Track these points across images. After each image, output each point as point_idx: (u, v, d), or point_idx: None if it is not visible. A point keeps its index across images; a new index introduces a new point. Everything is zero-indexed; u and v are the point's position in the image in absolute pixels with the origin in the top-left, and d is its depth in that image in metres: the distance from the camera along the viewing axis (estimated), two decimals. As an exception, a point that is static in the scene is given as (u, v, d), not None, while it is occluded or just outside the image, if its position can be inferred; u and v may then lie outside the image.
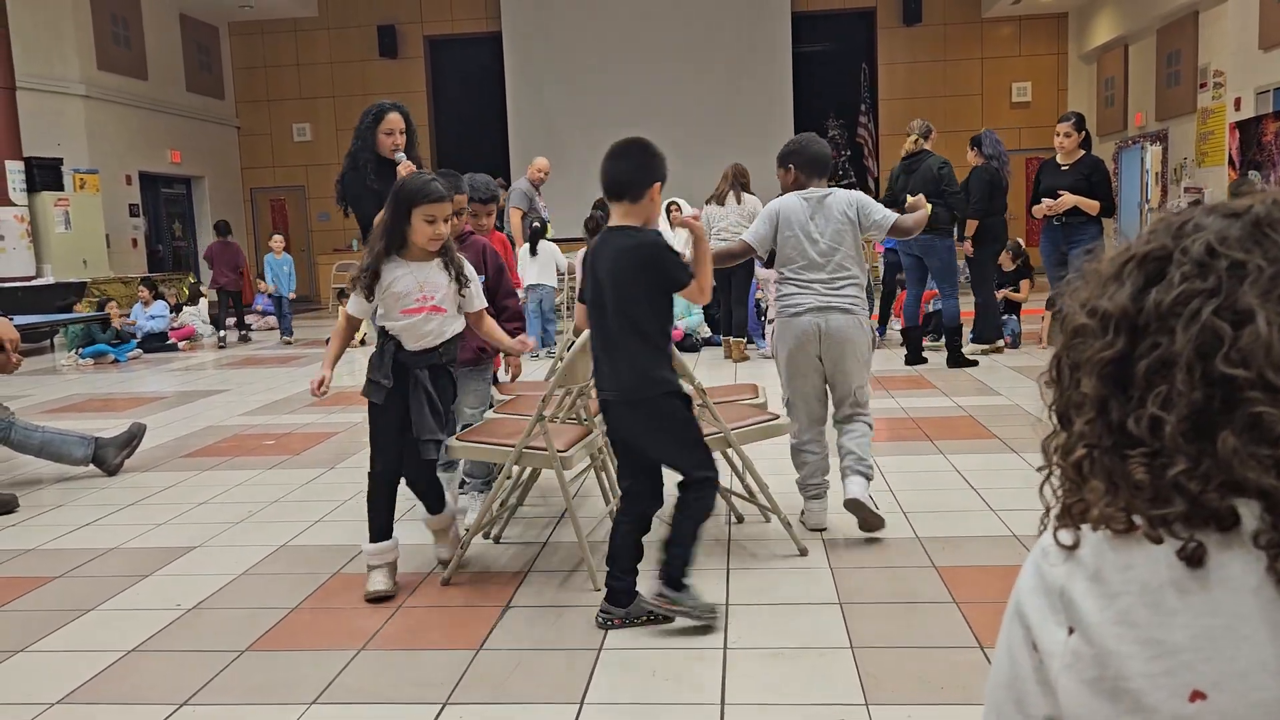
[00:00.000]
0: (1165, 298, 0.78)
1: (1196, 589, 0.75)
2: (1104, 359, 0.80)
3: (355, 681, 2.58)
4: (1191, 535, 0.76)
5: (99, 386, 8.31)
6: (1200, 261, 0.78)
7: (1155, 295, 0.78)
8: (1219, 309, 0.75)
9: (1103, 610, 0.79)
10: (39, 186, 12.04)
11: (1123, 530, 0.80)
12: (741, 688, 2.45)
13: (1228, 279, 0.76)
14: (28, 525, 4.16)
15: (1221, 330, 0.75)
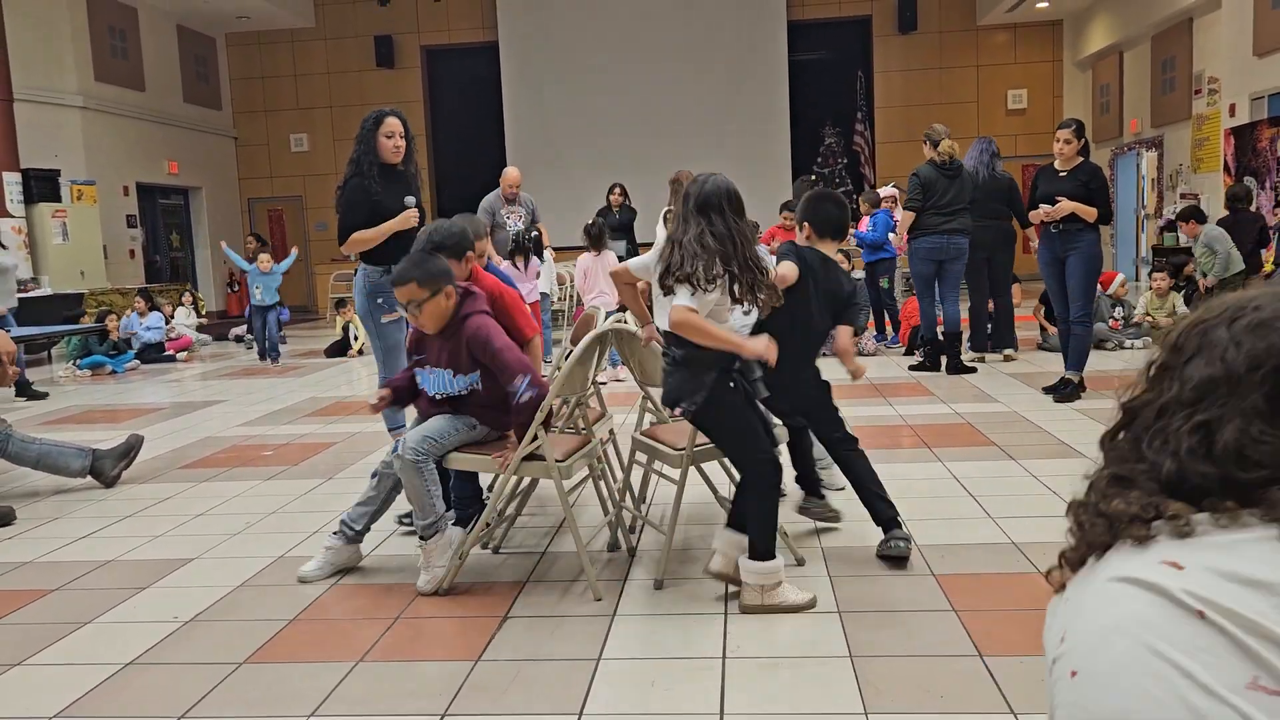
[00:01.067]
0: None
1: None
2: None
3: (353, 693, 2.58)
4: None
5: (97, 398, 8.30)
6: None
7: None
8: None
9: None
10: (36, 198, 12.04)
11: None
12: (740, 698, 2.45)
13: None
14: (25, 538, 4.15)
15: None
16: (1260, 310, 0.88)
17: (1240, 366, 0.85)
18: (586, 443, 3.47)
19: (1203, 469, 0.85)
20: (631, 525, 3.78)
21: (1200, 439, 0.85)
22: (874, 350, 8.82)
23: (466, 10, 16.39)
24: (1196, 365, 0.88)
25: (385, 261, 4.57)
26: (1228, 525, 0.81)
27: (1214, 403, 0.86)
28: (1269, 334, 0.86)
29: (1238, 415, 0.83)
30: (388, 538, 3.90)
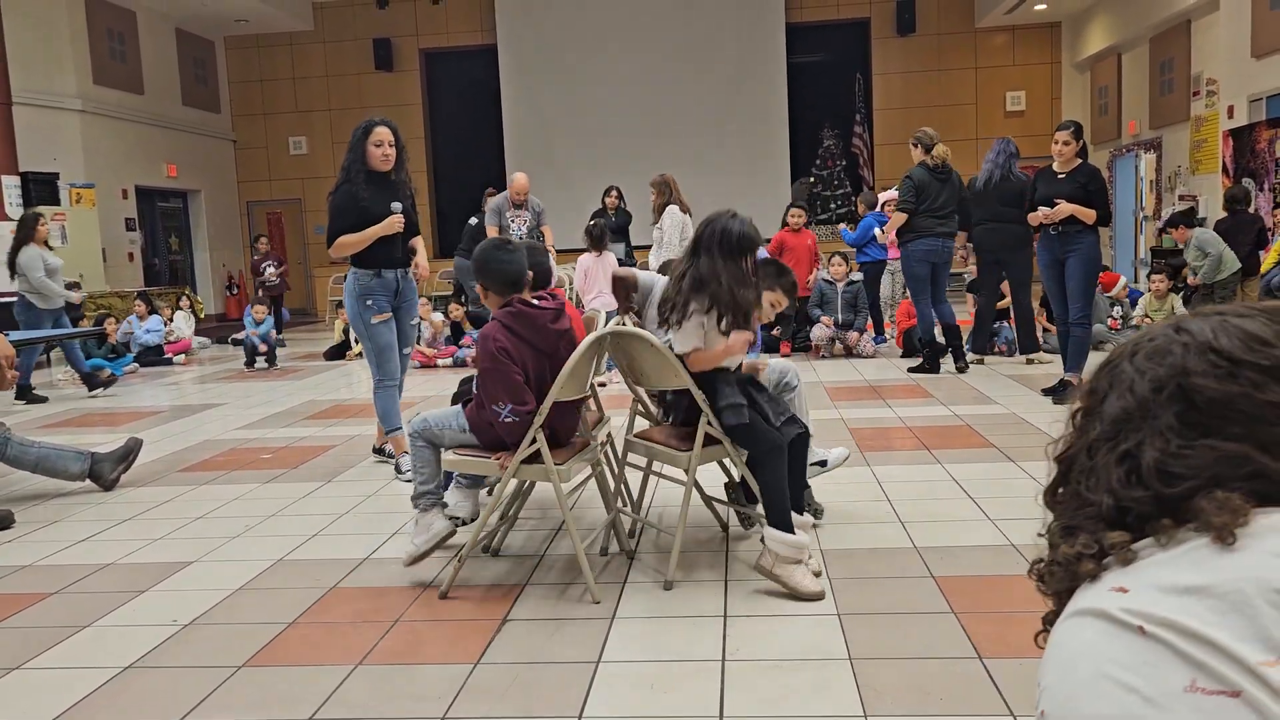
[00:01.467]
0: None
1: None
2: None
3: (353, 696, 2.57)
4: None
5: (95, 401, 8.30)
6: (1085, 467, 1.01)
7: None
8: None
9: None
10: (35, 201, 12.04)
11: None
12: (740, 700, 2.44)
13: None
14: (24, 541, 4.15)
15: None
16: (1154, 340, 0.96)
17: (1146, 392, 0.93)
18: (585, 445, 3.47)
19: (1135, 494, 0.91)
20: (630, 529, 3.78)
21: (1128, 468, 0.92)
22: (872, 352, 8.83)
23: (465, 13, 16.40)
24: (1111, 402, 0.96)
25: (374, 265, 4.79)
26: (1167, 544, 0.88)
27: (1131, 430, 0.92)
28: (1166, 357, 0.94)
29: (1155, 435, 0.90)
30: (387, 540, 3.90)
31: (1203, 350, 0.92)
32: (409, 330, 5.10)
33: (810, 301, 9.15)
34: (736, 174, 15.51)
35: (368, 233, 4.66)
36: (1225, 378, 0.90)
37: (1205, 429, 0.90)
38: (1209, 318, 0.95)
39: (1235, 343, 0.91)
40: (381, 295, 4.84)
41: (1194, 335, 0.94)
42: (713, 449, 3.34)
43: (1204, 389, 0.90)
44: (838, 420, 5.87)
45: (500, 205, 8.81)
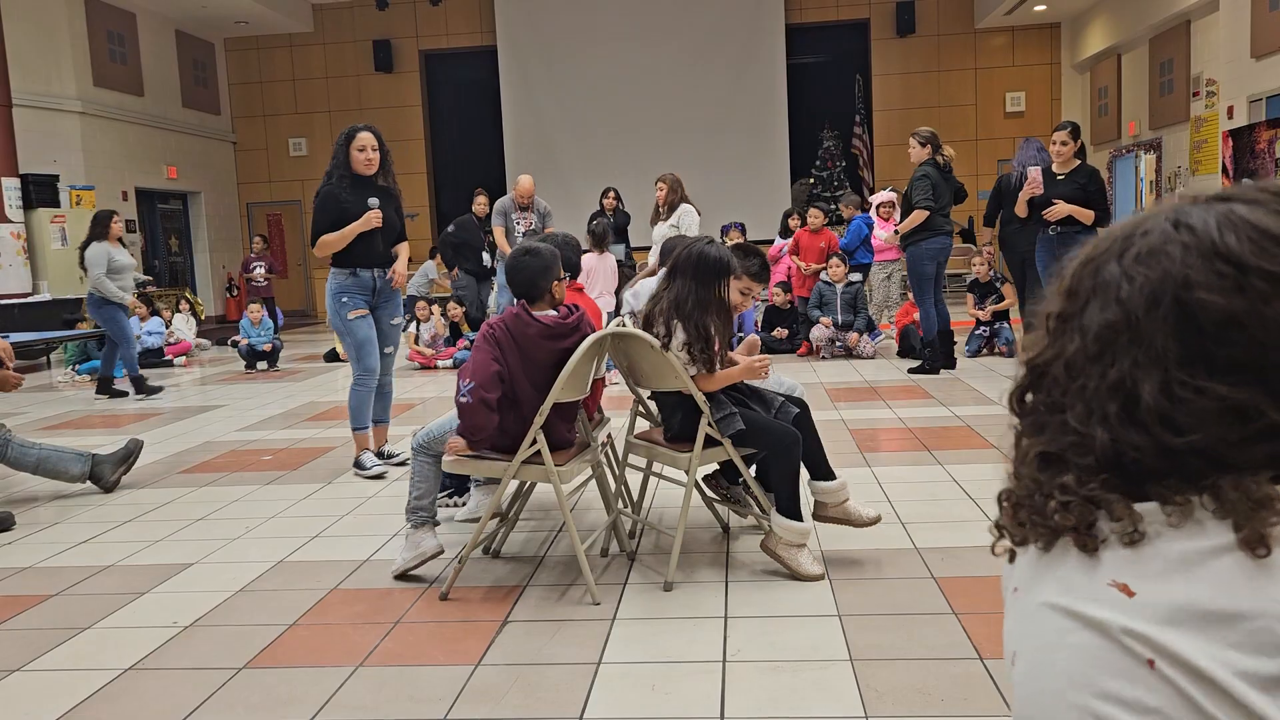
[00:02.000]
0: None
1: None
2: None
3: (353, 698, 2.57)
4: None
5: (96, 403, 8.30)
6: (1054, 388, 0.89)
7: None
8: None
9: None
10: (35, 203, 12.04)
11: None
12: (740, 701, 2.44)
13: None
14: (24, 543, 4.14)
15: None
16: (1149, 235, 0.78)
17: (1138, 306, 0.75)
18: (585, 446, 3.47)
19: (1134, 439, 0.75)
20: (631, 530, 3.78)
21: (1122, 404, 0.75)
22: (871, 353, 8.83)
23: (465, 14, 16.40)
24: (1093, 311, 0.78)
25: (351, 264, 4.89)
26: (1179, 523, 0.73)
27: (1122, 353, 0.76)
28: (1162, 260, 0.75)
29: (1153, 367, 0.74)
30: (387, 541, 3.90)
31: (1208, 254, 0.74)
32: (390, 330, 5.09)
33: (810, 303, 9.16)
34: (736, 175, 15.51)
35: (345, 230, 4.74)
36: (1232, 290, 0.72)
37: (1212, 362, 0.72)
38: (1212, 206, 0.77)
39: (1243, 242, 0.73)
40: (357, 293, 4.90)
41: (1197, 233, 0.75)
42: (713, 450, 3.35)
43: (1210, 306, 0.72)
44: (838, 421, 5.87)
45: (506, 207, 8.89)
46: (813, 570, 3.24)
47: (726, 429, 3.28)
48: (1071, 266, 0.82)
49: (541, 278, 3.27)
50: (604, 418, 3.87)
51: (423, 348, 9.64)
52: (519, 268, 3.29)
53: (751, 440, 3.34)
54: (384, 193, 4.93)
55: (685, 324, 3.27)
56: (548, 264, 3.28)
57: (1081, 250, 0.83)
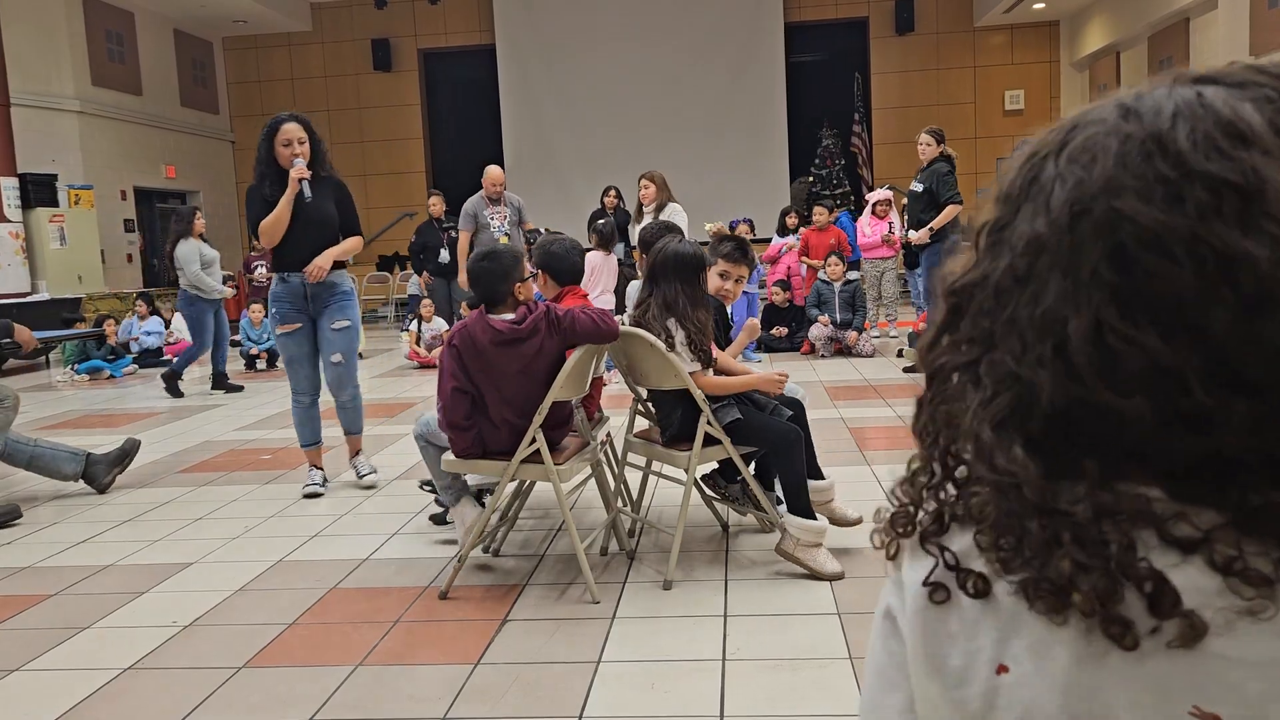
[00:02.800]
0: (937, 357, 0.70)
1: None
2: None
3: (352, 697, 2.57)
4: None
5: (94, 402, 8.30)
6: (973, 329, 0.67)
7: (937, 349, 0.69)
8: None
9: None
10: (34, 202, 12.03)
11: None
12: (740, 699, 2.44)
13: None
14: (23, 542, 4.14)
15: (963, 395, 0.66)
16: (1092, 125, 0.59)
17: (1063, 217, 0.57)
18: (584, 445, 3.47)
19: (1077, 391, 0.56)
20: (630, 528, 3.78)
21: (1054, 346, 0.56)
22: (870, 351, 8.83)
23: (464, 13, 16.39)
24: (1024, 220, 0.60)
25: (280, 268, 4.55)
26: (1251, 609, 0.52)
27: (1050, 279, 0.57)
28: (1098, 157, 0.57)
29: (1081, 301, 0.55)
30: (386, 540, 3.90)
31: (1149, 150, 0.55)
32: (334, 337, 4.58)
33: (808, 302, 9.17)
34: (735, 173, 15.51)
35: (278, 208, 4.39)
36: (1166, 201, 0.53)
37: (1146, 301, 0.53)
38: (1183, 88, 0.58)
39: (1195, 136, 0.54)
40: (287, 303, 4.52)
41: (1144, 121, 0.57)
42: (712, 449, 3.35)
43: (1136, 219, 0.54)
44: (837, 420, 5.87)
45: (475, 207, 8.25)
46: (832, 568, 3.22)
47: (722, 419, 3.29)
48: (1007, 168, 0.65)
49: (501, 282, 3.22)
50: (603, 417, 3.87)
51: (421, 348, 9.65)
52: (477, 274, 3.25)
53: (753, 439, 3.35)
54: (323, 185, 4.55)
55: (682, 322, 3.30)
56: (507, 268, 3.22)
57: (1027, 149, 0.65)
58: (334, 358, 4.58)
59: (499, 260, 3.24)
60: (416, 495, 4.40)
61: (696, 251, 3.39)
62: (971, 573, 0.62)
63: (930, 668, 0.65)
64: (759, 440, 3.36)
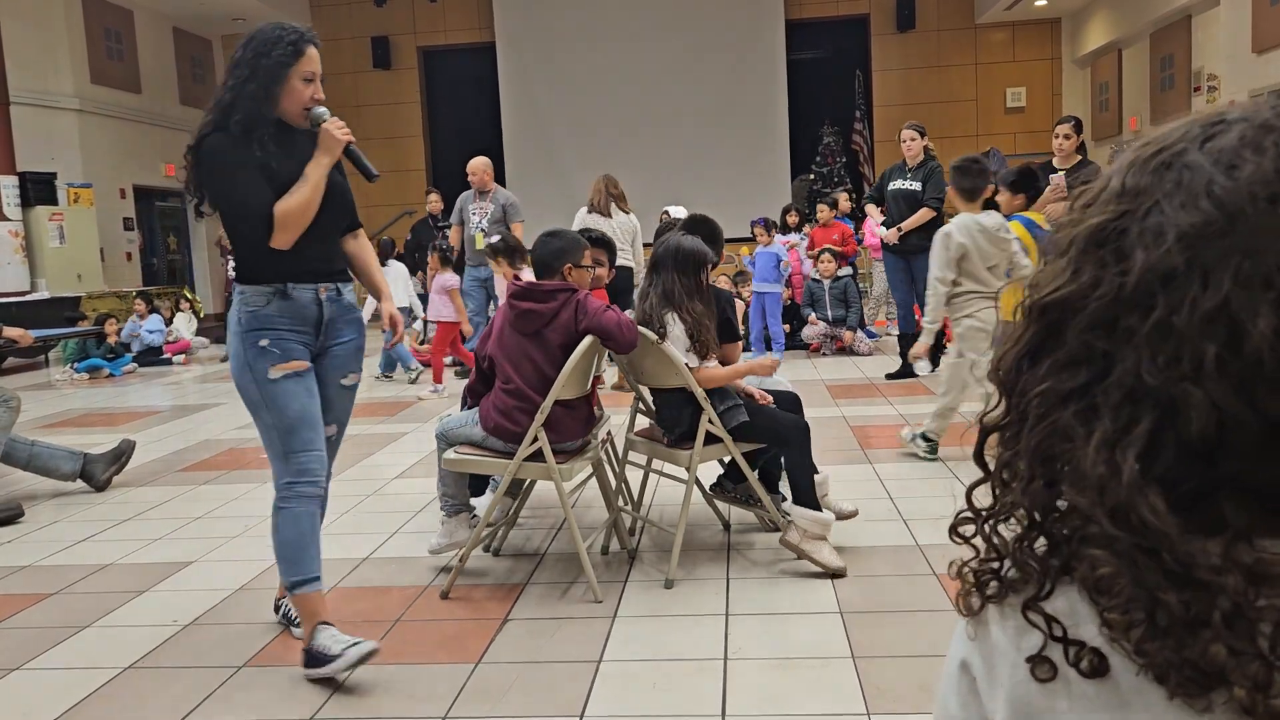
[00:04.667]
0: (1031, 390, 0.58)
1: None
2: (991, 426, 0.61)
3: (353, 697, 2.56)
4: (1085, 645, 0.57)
5: (94, 401, 8.29)
6: (1079, 350, 0.57)
7: (1024, 381, 0.58)
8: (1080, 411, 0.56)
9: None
10: (33, 201, 12.01)
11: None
12: (742, 699, 2.43)
13: (1097, 370, 0.55)
14: (24, 541, 4.13)
15: (1070, 437, 0.55)
16: (1249, 119, 0.56)
17: (1243, 200, 0.52)
18: (585, 444, 3.46)
19: (1242, 410, 0.49)
20: (631, 527, 3.77)
21: (1225, 343, 0.50)
22: (868, 351, 8.82)
23: (463, 11, 16.37)
24: (1170, 213, 0.54)
25: (278, 275, 2.73)
26: None
27: (1214, 270, 0.51)
28: (1268, 147, 0.54)
29: (1263, 288, 0.49)
30: (387, 539, 3.89)
31: None
32: (339, 393, 2.92)
33: (802, 302, 9.17)
34: (736, 171, 15.49)
35: (310, 186, 2.70)
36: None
37: None
38: None
39: None
40: (287, 330, 2.75)
41: None
42: (713, 447, 3.34)
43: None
44: (838, 418, 5.86)
45: (463, 200, 8.09)
46: (835, 562, 3.22)
47: (730, 421, 3.29)
48: (1112, 170, 0.61)
49: (555, 258, 3.32)
50: (603, 415, 3.86)
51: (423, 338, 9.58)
52: (538, 246, 3.39)
53: (760, 434, 3.35)
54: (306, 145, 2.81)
55: (679, 313, 3.31)
56: (564, 247, 3.34)
57: (1123, 155, 0.62)
58: (329, 430, 2.91)
59: (558, 238, 3.37)
60: (417, 494, 4.40)
61: (699, 247, 3.41)
62: (1085, 647, 0.55)
63: None
64: (769, 435, 3.36)
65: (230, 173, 2.66)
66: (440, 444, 3.47)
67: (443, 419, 3.56)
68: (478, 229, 7.91)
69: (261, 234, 2.66)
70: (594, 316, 3.20)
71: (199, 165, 2.70)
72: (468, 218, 8.02)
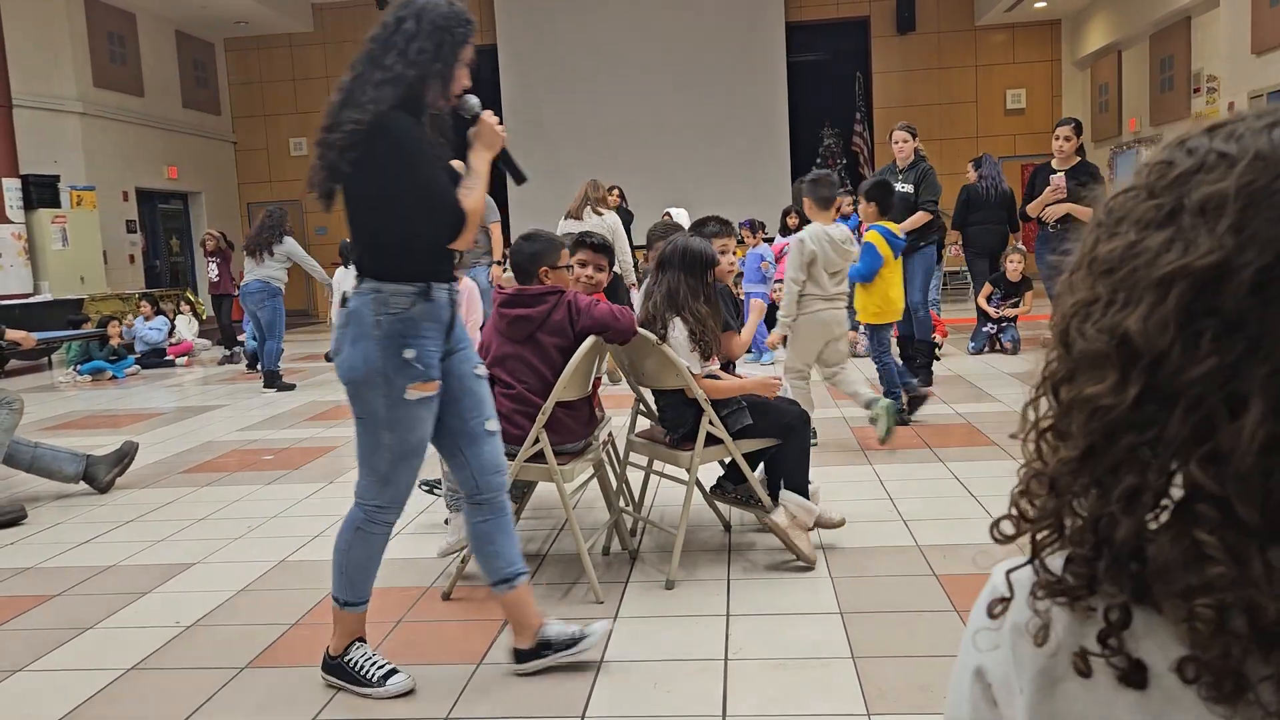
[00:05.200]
0: (1188, 369, 0.54)
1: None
2: (1108, 408, 0.57)
3: (355, 698, 2.57)
4: (1131, 657, 0.58)
5: (97, 403, 8.30)
6: (1232, 321, 0.54)
7: (1178, 359, 0.55)
8: (1228, 392, 0.54)
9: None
10: (36, 204, 12.05)
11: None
12: (743, 699, 2.44)
13: (1248, 346, 0.53)
14: (27, 543, 4.15)
15: (1218, 420, 0.54)
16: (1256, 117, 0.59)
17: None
18: (587, 445, 3.47)
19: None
20: (632, 528, 3.78)
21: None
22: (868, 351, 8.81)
23: (465, 14, 16.39)
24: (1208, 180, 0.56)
25: (424, 274, 2.47)
26: None
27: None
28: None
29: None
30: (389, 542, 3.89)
31: None
32: (481, 386, 2.66)
33: None
34: (737, 173, 15.51)
35: (482, 182, 2.62)
36: None
37: None
38: None
39: None
40: (430, 339, 2.49)
41: None
42: (714, 449, 3.35)
43: None
44: (839, 419, 5.87)
45: None
46: (811, 553, 3.34)
47: (734, 424, 3.31)
48: (1158, 156, 0.61)
49: (531, 261, 3.29)
50: (605, 416, 3.87)
51: None
52: (514, 249, 3.38)
53: (762, 425, 3.37)
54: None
55: (682, 314, 3.32)
56: (540, 250, 3.30)
57: (1160, 149, 0.62)
58: (489, 423, 2.66)
59: (534, 241, 3.34)
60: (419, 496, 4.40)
61: (706, 248, 3.41)
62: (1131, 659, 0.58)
63: None
64: (776, 428, 3.39)
65: (425, 158, 2.41)
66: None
67: None
68: None
69: (446, 230, 2.43)
70: (588, 313, 3.19)
71: (381, 141, 2.35)
72: None
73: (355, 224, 2.48)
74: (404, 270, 2.43)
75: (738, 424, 3.32)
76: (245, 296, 8.56)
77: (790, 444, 3.42)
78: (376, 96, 2.34)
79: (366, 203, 2.44)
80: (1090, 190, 6.17)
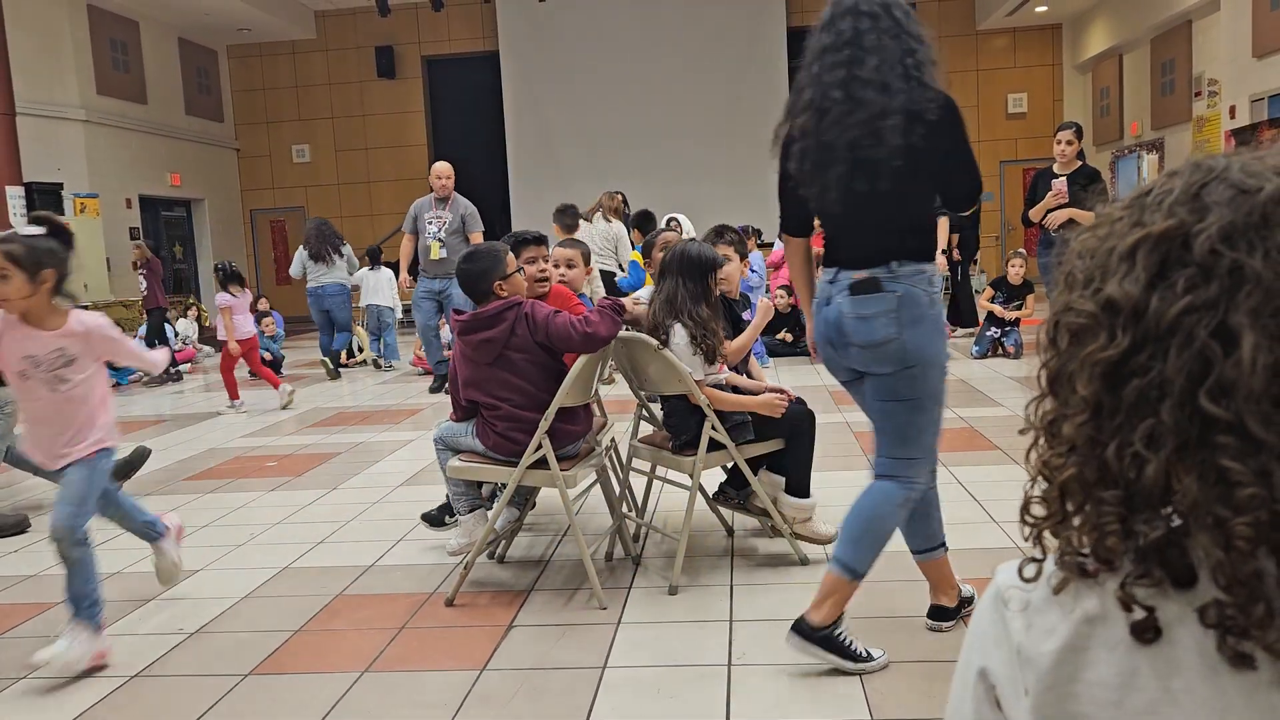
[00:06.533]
0: (1168, 310, 0.62)
1: (1145, 664, 0.64)
2: (1106, 359, 0.64)
3: (359, 704, 2.58)
4: (1149, 608, 0.63)
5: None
6: (1204, 265, 0.62)
7: (1157, 304, 0.62)
8: (1215, 328, 0.60)
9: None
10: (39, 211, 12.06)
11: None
12: (746, 705, 2.44)
13: (1228, 286, 0.61)
14: (30, 550, 4.15)
15: (1212, 355, 0.60)
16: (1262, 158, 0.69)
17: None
18: (590, 451, 3.47)
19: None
20: (635, 534, 3.78)
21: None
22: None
23: (467, 20, 16.43)
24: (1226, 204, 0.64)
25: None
26: None
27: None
28: None
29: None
30: (392, 547, 3.90)
31: None
32: None
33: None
34: (738, 178, 15.52)
35: None
36: None
37: None
38: None
39: None
40: None
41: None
42: (717, 454, 3.35)
43: None
44: (841, 424, 5.87)
45: (418, 208, 7.86)
46: (826, 532, 3.48)
47: (740, 436, 3.32)
48: (1178, 175, 0.70)
49: (480, 281, 3.26)
50: (608, 421, 3.87)
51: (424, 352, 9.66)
52: (459, 276, 3.34)
53: (778, 429, 3.38)
54: None
55: (681, 318, 3.31)
56: (485, 268, 3.26)
57: (1169, 176, 0.71)
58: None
59: (477, 260, 3.30)
60: (421, 501, 4.40)
61: (705, 251, 3.41)
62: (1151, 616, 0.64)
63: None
64: (785, 428, 3.40)
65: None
66: (439, 447, 3.49)
67: (440, 424, 3.58)
68: (434, 238, 7.70)
69: (971, 200, 2.58)
70: (545, 328, 3.15)
71: (960, 124, 2.51)
72: (423, 226, 7.79)
73: (904, 201, 2.50)
74: (933, 249, 2.58)
75: (743, 436, 3.34)
76: (324, 298, 9.42)
77: (795, 446, 3.43)
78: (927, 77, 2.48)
79: (929, 178, 2.50)
80: (1091, 194, 6.18)
